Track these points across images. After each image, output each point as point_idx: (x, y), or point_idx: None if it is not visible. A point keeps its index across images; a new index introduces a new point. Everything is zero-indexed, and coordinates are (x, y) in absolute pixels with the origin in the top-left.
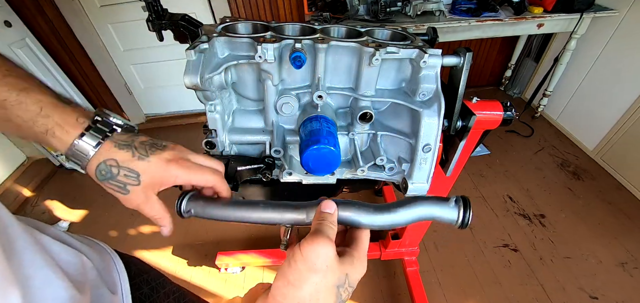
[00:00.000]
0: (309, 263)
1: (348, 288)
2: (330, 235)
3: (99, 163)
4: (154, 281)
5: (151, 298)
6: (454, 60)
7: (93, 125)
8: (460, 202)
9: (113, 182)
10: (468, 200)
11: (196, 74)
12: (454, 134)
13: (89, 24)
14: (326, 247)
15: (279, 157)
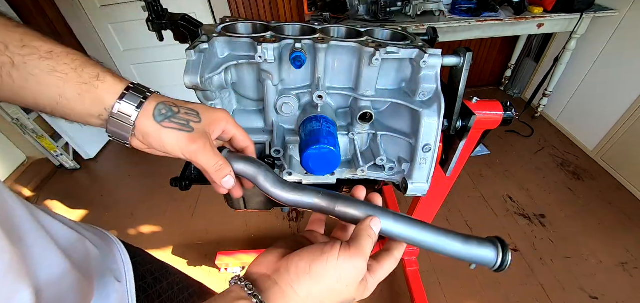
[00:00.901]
0: (339, 274)
1: (365, 287)
2: (368, 252)
3: (157, 103)
4: (157, 271)
5: (154, 288)
6: (454, 60)
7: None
8: (500, 246)
9: (175, 120)
10: (505, 243)
11: (196, 74)
12: (454, 134)
13: (89, 24)
14: (361, 264)
15: (279, 157)
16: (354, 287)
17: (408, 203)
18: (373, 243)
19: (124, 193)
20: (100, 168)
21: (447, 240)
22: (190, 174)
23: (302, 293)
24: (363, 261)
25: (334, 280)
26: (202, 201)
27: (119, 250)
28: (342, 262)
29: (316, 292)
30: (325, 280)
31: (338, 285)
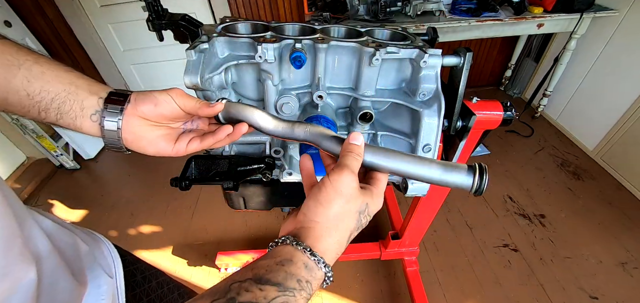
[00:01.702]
0: (336, 189)
1: (367, 216)
2: (355, 168)
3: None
4: (146, 271)
5: (143, 286)
6: (454, 60)
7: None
8: (477, 170)
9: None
10: (485, 168)
11: (196, 74)
12: (454, 134)
13: (89, 24)
14: (350, 178)
15: (279, 157)
16: (358, 194)
17: (408, 203)
18: (356, 155)
19: (124, 193)
20: (100, 168)
21: (427, 167)
22: (190, 174)
23: (325, 220)
24: (349, 171)
25: (339, 195)
26: (202, 201)
27: (108, 248)
28: (334, 179)
29: (334, 212)
30: (331, 200)
31: (343, 199)
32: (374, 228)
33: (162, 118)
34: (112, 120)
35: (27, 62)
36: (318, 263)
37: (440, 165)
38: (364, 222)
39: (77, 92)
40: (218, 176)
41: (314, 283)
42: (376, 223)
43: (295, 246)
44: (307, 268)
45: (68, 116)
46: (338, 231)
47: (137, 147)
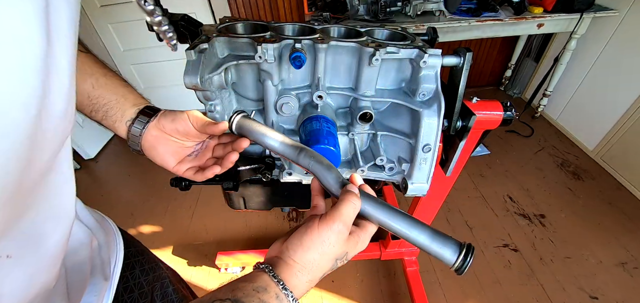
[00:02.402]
0: (321, 238)
1: (343, 261)
2: (349, 218)
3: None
4: (147, 264)
5: (139, 279)
6: (454, 60)
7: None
8: (464, 249)
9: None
10: (472, 248)
11: (196, 74)
12: (454, 134)
13: (89, 24)
14: (340, 228)
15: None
16: (341, 244)
17: (408, 203)
18: (355, 210)
19: (124, 193)
20: (100, 168)
21: (415, 230)
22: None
23: (301, 262)
24: (339, 223)
25: (320, 244)
26: (202, 201)
27: (116, 238)
28: (322, 229)
29: (311, 257)
30: (313, 246)
31: (326, 247)
32: None
33: (176, 132)
34: (138, 127)
35: (97, 73)
36: (287, 297)
37: (430, 234)
38: (340, 264)
39: (124, 102)
40: (218, 176)
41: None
42: None
43: (271, 277)
44: (277, 298)
45: (111, 119)
46: (311, 272)
47: (149, 155)
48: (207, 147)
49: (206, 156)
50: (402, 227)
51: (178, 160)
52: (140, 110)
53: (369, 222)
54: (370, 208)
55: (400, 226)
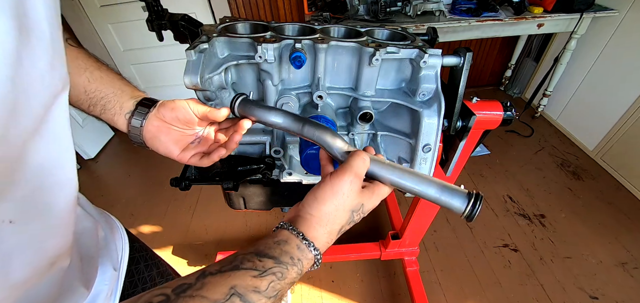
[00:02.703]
0: (334, 190)
1: (360, 214)
2: (360, 171)
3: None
4: (151, 259)
5: (143, 274)
6: (454, 60)
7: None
8: (472, 198)
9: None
10: (480, 197)
11: (196, 74)
12: (454, 134)
13: (89, 24)
14: (351, 179)
15: (279, 157)
16: (355, 195)
17: (408, 203)
18: (364, 163)
19: (124, 193)
20: (100, 168)
21: (425, 185)
22: (190, 174)
23: (318, 215)
24: (351, 174)
25: (334, 196)
26: (202, 201)
27: (121, 234)
28: (335, 181)
29: (327, 210)
30: (328, 199)
31: (340, 198)
32: (374, 229)
33: (177, 121)
34: (138, 119)
35: (91, 67)
36: (309, 247)
37: (439, 186)
38: (357, 219)
39: (121, 95)
40: (218, 176)
41: (304, 262)
42: (376, 223)
43: (290, 231)
44: (299, 249)
45: (109, 112)
46: (328, 224)
47: (152, 145)
48: (208, 133)
49: (209, 142)
50: (412, 183)
51: (181, 149)
52: (138, 101)
53: (381, 183)
54: (379, 169)
55: (410, 182)
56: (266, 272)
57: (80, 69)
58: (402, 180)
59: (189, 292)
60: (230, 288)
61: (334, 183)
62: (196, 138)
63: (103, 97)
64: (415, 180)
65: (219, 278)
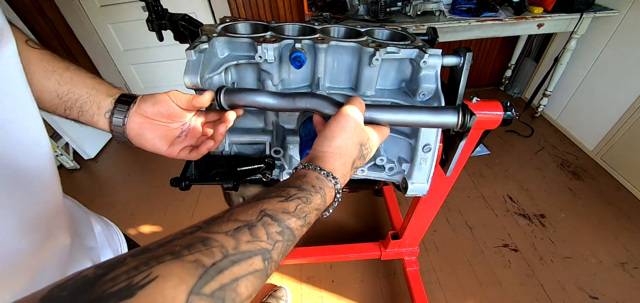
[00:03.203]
0: (340, 125)
1: (368, 148)
2: (360, 108)
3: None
4: None
5: None
6: (454, 60)
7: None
8: (460, 109)
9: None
10: (466, 107)
11: (196, 74)
12: (454, 134)
13: (89, 24)
14: (354, 113)
15: (279, 157)
16: (360, 130)
17: (408, 203)
18: (361, 101)
19: (124, 193)
20: (100, 168)
21: (419, 114)
22: (190, 174)
23: (330, 149)
24: (351, 110)
25: (341, 130)
26: (202, 201)
27: (116, 233)
28: (339, 118)
29: (337, 143)
30: (336, 134)
31: (347, 132)
32: (374, 229)
33: (160, 116)
34: (119, 118)
35: (59, 69)
36: (327, 177)
37: (430, 110)
38: (366, 153)
39: (97, 95)
40: (218, 176)
41: (326, 190)
42: (376, 223)
43: (307, 168)
44: (319, 179)
45: (87, 114)
46: (342, 157)
47: (138, 143)
48: (195, 126)
49: (197, 134)
50: (406, 116)
51: (169, 144)
52: (116, 99)
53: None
54: (374, 113)
55: (404, 116)
56: (292, 197)
57: (47, 72)
58: (398, 116)
59: (220, 220)
60: (260, 211)
61: (339, 120)
62: (182, 131)
63: (78, 98)
64: (409, 113)
65: (247, 206)
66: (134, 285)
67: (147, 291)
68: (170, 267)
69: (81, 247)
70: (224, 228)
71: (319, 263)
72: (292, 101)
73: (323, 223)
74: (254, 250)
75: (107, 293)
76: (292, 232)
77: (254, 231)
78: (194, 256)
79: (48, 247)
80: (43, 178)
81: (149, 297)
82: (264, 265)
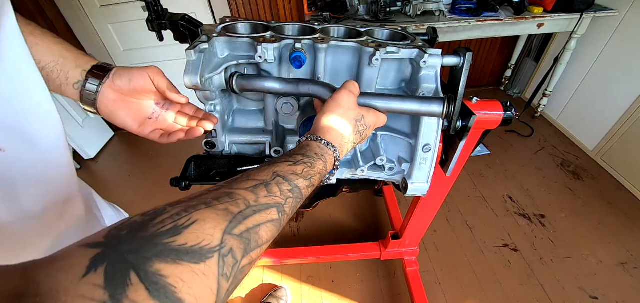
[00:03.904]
0: (336, 102)
1: (363, 125)
2: (354, 90)
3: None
4: None
5: None
6: (454, 60)
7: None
8: (446, 100)
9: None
10: (452, 97)
11: (196, 74)
12: (454, 134)
13: (89, 24)
14: (348, 93)
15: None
16: (354, 107)
17: (408, 203)
18: (354, 84)
19: (124, 194)
20: (100, 168)
21: (408, 102)
22: (190, 174)
23: (327, 124)
24: (347, 89)
25: (337, 106)
26: None
27: None
28: (335, 96)
29: (334, 118)
30: (332, 110)
31: (342, 109)
32: (374, 229)
33: (135, 93)
34: (91, 91)
35: (23, 33)
36: (327, 146)
37: (418, 99)
38: (362, 130)
39: (64, 63)
40: (218, 176)
41: (327, 157)
42: (376, 223)
43: (309, 139)
44: (320, 148)
45: (54, 83)
46: (338, 128)
47: (108, 118)
48: (168, 111)
49: (168, 121)
50: (395, 104)
51: (140, 123)
52: (88, 70)
53: None
54: (367, 99)
55: (394, 103)
56: (299, 162)
57: None
58: (388, 103)
59: (240, 179)
60: (273, 172)
61: (335, 98)
62: (154, 113)
63: (44, 67)
64: (398, 100)
65: (262, 169)
66: (180, 226)
67: (191, 230)
68: (206, 213)
69: (95, 219)
70: (245, 185)
71: (319, 263)
72: (296, 86)
73: (323, 223)
74: (271, 203)
75: (160, 232)
76: (300, 190)
77: (269, 188)
78: (224, 206)
79: (67, 214)
80: (59, 146)
81: (193, 235)
82: (279, 216)
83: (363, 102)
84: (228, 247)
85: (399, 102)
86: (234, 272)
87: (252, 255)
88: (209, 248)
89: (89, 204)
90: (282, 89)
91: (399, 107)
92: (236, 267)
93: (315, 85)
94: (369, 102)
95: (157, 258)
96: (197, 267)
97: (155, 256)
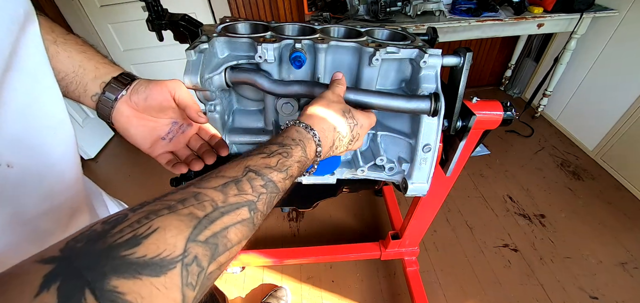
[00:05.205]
0: (324, 97)
1: (354, 120)
2: (340, 91)
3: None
4: None
5: None
6: (454, 60)
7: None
8: (432, 97)
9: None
10: (438, 95)
11: (196, 74)
12: (454, 134)
13: (89, 24)
14: (336, 89)
15: None
16: (341, 102)
17: (408, 203)
18: (341, 80)
19: (124, 194)
20: (100, 168)
21: (395, 100)
22: (190, 175)
23: (313, 113)
24: (333, 85)
25: (324, 99)
26: None
27: None
28: (323, 92)
29: (319, 107)
30: (320, 103)
31: (330, 103)
32: (374, 229)
33: (151, 110)
34: (106, 106)
35: (46, 41)
36: (306, 129)
37: (405, 97)
38: (352, 124)
39: (84, 74)
40: None
41: (306, 142)
42: (376, 223)
43: (288, 123)
44: (298, 132)
45: (73, 93)
46: (321, 116)
47: (123, 135)
48: (183, 133)
49: (181, 143)
50: (383, 101)
51: (151, 143)
52: (106, 83)
53: None
54: (355, 94)
55: (382, 100)
56: (273, 153)
57: None
58: (375, 100)
59: (209, 177)
60: (245, 167)
61: (323, 94)
62: (169, 133)
63: (63, 77)
64: (386, 98)
65: (233, 164)
66: (139, 236)
67: (151, 240)
68: (168, 219)
69: (97, 218)
70: (213, 184)
71: (319, 263)
72: (285, 87)
73: (323, 223)
74: (241, 202)
75: (118, 243)
76: (275, 184)
77: (240, 185)
78: (188, 209)
79: (71, 226)
80: (68, 158)
81: (153, 245)
82: (250, 215)
83: (352, 97)
84: (192, 255)
85: (386, 99)
86: (200, 280)
87: (220, 260)
88: (171, 259)
89: (95, 212)
90: (270, 87)
91: (386, 103)
92: (202, 275)
93: (308, 86)
94: (357, 97)
95: (114, 274)
96: (157, 281)
97: (113, 271)
